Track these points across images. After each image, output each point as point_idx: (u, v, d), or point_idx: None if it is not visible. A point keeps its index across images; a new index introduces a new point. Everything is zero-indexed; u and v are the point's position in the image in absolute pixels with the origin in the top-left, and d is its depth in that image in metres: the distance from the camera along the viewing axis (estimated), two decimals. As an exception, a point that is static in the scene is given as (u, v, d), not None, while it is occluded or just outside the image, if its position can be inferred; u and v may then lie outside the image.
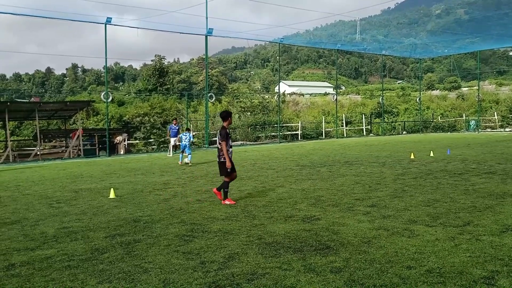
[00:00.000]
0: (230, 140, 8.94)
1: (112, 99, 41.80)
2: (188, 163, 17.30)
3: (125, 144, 29.09)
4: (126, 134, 30.09)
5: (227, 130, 8.89)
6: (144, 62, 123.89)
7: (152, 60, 59.08)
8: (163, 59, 57.81)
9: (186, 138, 17.52)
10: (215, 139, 32.57)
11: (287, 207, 8.36)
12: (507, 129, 40.22)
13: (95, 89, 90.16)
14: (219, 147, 8.86)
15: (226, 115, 9.03)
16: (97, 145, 28.64)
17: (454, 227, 6.47)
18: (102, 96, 25.56)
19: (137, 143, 32.23)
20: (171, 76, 58.07)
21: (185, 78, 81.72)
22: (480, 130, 39.95)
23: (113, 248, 5.98)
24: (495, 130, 40.47)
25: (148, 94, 49.08)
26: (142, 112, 33.94)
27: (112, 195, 10.14)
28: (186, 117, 31.02)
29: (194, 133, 33.41)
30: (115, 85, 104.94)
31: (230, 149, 8.94)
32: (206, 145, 28.59)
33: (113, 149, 27.74)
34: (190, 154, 17.54)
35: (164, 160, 20.02)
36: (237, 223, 7.19)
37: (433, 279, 4.48)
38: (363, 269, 4.83)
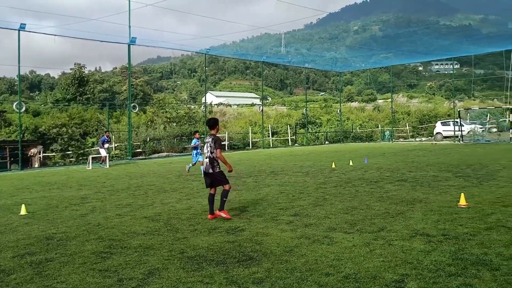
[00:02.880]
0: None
1: (26, 109, 39.18)
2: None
3: (40, 157, 27.34)
4: (41, 146, 28.30)
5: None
6: (62, 71, 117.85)
7: (71, 69, 56.35)
8: (83, 68, 55.37)
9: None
10: (138, 150, 31.63)
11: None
12: (417, 139, 43.42)
13: (7, 98, 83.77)
14: (212, 157, 8.14)
15: (214, 123, 8.32)
16: (8, 158, 26.61)
17: (369, 233, 6.79)
18: (14, 106, 23.87)
19: (53, 155, 30.36)
20: (92, 85, 55.70)
21: (107, 88, 78.59)
22: (394, 140, 42.69)
23: (22, 269, 5.53)
24: (407, 140, 43.49)
25: (66, 104, 46.60)
26: (60, 123, 32.10)
27: (23, 211, 9.42)
28: (108, 128, 29.79)
29: (116, 145, 32.21)
30: (31, 94, 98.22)
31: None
32: (129, 157, 27.63)
33: (26, 162, 25.93)
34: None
35: (82, 173, 19.03)
36: (158, 237, 6.99)
37: (349, 284, 4.65)
38: (284, 279, 4.90)
